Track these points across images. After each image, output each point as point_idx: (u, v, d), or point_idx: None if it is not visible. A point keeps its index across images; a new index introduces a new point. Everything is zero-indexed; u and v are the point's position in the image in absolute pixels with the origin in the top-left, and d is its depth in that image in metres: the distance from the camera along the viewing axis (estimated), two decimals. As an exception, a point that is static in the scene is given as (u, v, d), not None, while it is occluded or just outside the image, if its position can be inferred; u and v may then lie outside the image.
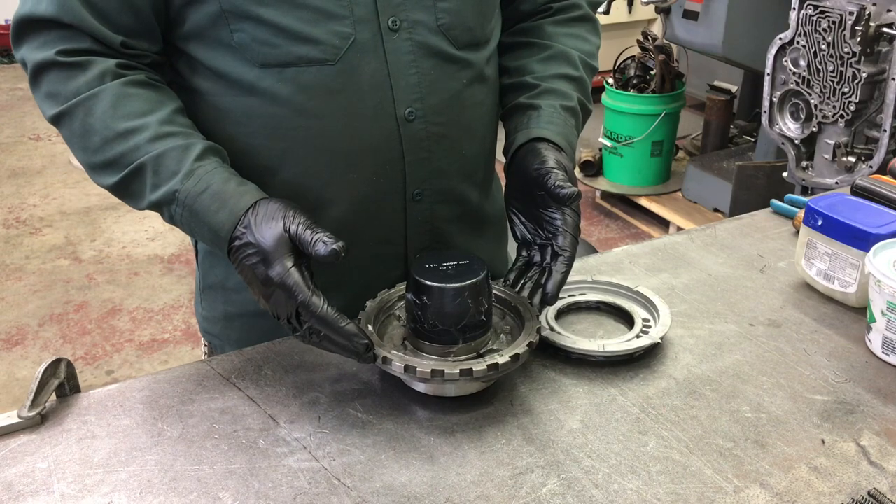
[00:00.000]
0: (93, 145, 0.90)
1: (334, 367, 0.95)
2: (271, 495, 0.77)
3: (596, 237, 3.75)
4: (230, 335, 1.11)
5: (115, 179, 0.90)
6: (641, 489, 0.77)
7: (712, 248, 1.24)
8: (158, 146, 0.88)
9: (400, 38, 0.95)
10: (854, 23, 2.16)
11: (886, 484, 0.78)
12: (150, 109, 0.91)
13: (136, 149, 0.88)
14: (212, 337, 1.15)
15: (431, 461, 0.81)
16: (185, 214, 0.88)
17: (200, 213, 0.87)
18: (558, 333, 0.98)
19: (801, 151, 2.50)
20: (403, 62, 0.96)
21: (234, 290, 1.08)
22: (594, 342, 0.96)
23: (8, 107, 5.64)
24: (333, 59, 0.93)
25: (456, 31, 0.98)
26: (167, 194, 0.88)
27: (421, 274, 0.87)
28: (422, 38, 0.96)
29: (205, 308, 1.14)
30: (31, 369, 2.87)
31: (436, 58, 0.97)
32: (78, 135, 0.91)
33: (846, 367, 0.96)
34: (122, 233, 3.86)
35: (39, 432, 0.85)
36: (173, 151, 0.88)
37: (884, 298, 0.95)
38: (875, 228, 1.03)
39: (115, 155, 0.89)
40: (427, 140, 0.99)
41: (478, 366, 0.84)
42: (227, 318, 1.11)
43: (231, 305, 1.10)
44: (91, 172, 0.93)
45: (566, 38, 1.11)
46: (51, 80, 0.91)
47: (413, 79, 0.96)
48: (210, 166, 0.88)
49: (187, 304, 3.28)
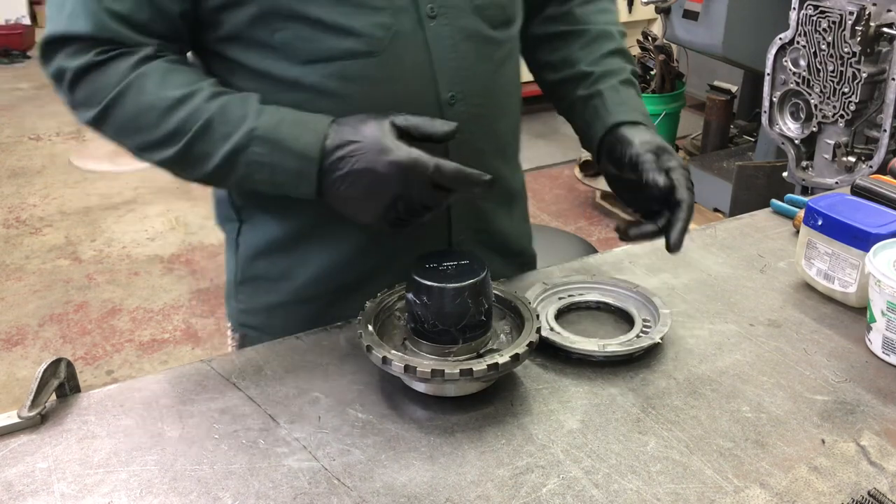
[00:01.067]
0: (149, 122, 0.91)
1: (334, 367, 0.95)
2: (271, 495, 0.77)
3: (596, 237, 3.75)
4: (273, 324, 1.10)
5: (178, 148, 0.91)
6: (641, 489, 0.77)
7: (712, 248, 1.24)
8: (217, 103, 0.91)
9: (439, 24, 0.97)
10: (854, 23, 2.16)
11: (886, 484, 0.78)
12: (198, 78, 0.93)
13: (196, 110, 0.90)
14: (248, 329, 1.15)
15: (431, 461, 0.81)
16: (264, 151, 0.89)
17: (284, 142, 0.89)
18: (558, 333, 0.98)
19: (801, 151, 2.49)
20: (444, 48, 0.98)
21: (277, 279, 1.08)
22: (594, 342, 0.96)
23: (8, 107, 5.64)
24: (376, 50, 0.94)
25: (490, 10, 1.01)
26: (243, 136, 0.89)
27: (421, 274, 0.87)
28: (460, 22, 0.98)
29: (241, 301, 1.14)
30: (31, 369, 2.87)
31: (473, 40, 1.00)
32: (130, 117, 0.92)
33: (846, 367, 0.96)
34: (122, 233, 3.86)
35: (39, 432, 0.85)
36: (234, 101, 0.91)
37: (884, 298, 0.95)
38: (875, 228, 1.03)
39: (177, 123, 0.90)
40: (468, 122, 1.00)
41: (478, 366, 0.84)
42: (269, 308, 1.11)
43: (274, 295, 1.10)
44: (148, 152, 0.94)
45: (596, 16, 1.14)
46: (91, 80, 0.92)
47: (453, 63, 0.99)
48: (273, 106, 0.91)
49: (187, 304, 3.28)
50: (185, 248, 3.72)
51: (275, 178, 0.91)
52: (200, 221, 3.97)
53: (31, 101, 5.74)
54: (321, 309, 0.99)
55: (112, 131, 0.94)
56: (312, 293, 1.07)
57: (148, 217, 4.02)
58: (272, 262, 1.08)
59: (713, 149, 3.84)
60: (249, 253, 1.10)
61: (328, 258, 1.04)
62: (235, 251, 1.12)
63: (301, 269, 1.06)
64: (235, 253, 1.12)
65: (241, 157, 0.90)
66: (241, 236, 1.10)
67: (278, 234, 1.05)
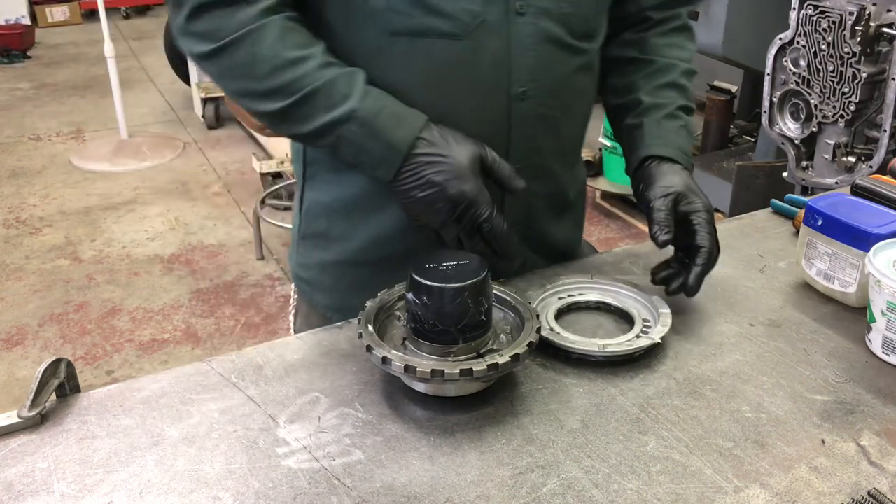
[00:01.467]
0: (261, 73, 0.96)
1: (334, 367, 0.95)
2: (271, 495, 0.77)
3: (596, 237, 3.75)
4: (323, 281, 1.19)
5: (280, 105, 0.96)
6: (641, 489, 0.77)
7: (712, 248, 1.24)
8: (327, 73, 0.95)
9: (525, 21, 1.00)
10: (854, 23, 2.16)
11: (886, 484, 0.78)
12: (312, 42, 0.98)
13: (306, 75, 0.95)
14: (303, 283, 1.23)
15: (431, 461, 0.81)
16: (359, 132, 0.95)
17: (379, 130, 0.95)
18: (558, 333, 0.98)
19: (801, 151, 2.49)
20: (524, 44, 1.01)
21: (334, 239, 1.15)
22: (594, 342, 0.96)
23: (8, 107, 5.64)
24: (461, 34, 0.98)
25: (574, 20, 1.04)
26: (344, 114, 0.95)
27: (421, 274, 0.87)
28: (544, 24, 1.02)
29: (301, 255, 1.22)
30: (31, 369, 2.87)
31: (552, 43, 1.03)
32: (242, 64, 0.96)
33: (846, 367, 0.96)
34: (122, 233, 3.86)
35: (39, 432, 0.85)
36: (343, 76, 0.96)
37: (884, 298, 0.95)
38: (875, 228, 1.03)
39: (285, 81, 0.95)
40: (534, 119, 1.05)
41: (478, 366, 0.84)
42: (323, 265, 1.18)
43: (328, 253, 1.16)
44: (247, 99, 0.99)
45: (668, 49, 1.18)
46: (213, 16, 0.96)
47: (531, 60, 1.02)
48: (377, 90, 0.97)
49: (187, 303, 3.28)
50: (185, 248, 3.72)
51: (359, 157, 0.97)
52: (200, 221, 3.97)
53: (31, 101, 5.75)
54: (367, 275, 1.06)
55: (219, 70, 0.99)
56: (362, 258, 1.13)
57: (148, 217, 4.02)
58: (330, 222, 1.14)
59: (713, 149, 3.84)
60: (311, 209, 1.17)
61: (381, 226, 1.10)
62: (301, 206, 1.19)
63: (355, 232, 1.12)
64: (300, 208, 1.20)
65: (335, 130, 0.95)
66: (306, 193, 1.18)
67: (339, 195, 1.11)
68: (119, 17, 8.00)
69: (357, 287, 1.04)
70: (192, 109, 5.38)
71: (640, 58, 1.17)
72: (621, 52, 1.18)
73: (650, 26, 1.19)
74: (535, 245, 1.16)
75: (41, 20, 7.72)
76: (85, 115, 5.45)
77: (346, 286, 1.14)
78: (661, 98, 1.14)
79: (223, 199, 4.21)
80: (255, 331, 3.11)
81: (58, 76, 6.34)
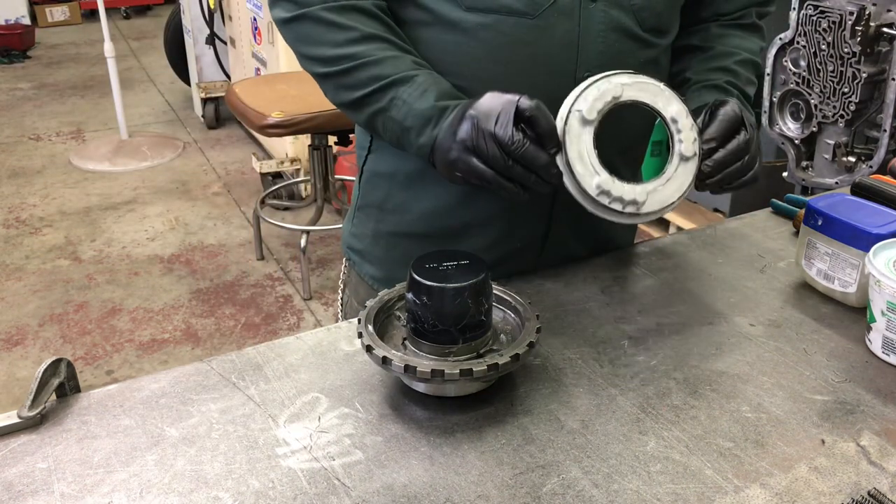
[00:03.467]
0: (334, 40, 1.01)
1: (334, 367, 0.95)
2: (271, 495, 0.77)
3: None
4: (374, 251, 1.23)
5: (346, 66, 1.00)
6: (641, 489, 0.77)
7: (712, 248, 1.24)
8: (396, 52, 1.01)
9: (597, 8, 1.03)
10: (854, 23, 2.16)
11: (886, 484, 0.78)
12: (391, 30, 1.03)
13: (377, 49, 1.00)
14: (353, 253, 1.27)
15: (431, 461, 0.81)
16: (414, 93, 0.98)
17: (430, 94, 0.97)
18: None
19: (801, 151, 2.49)
20: (594, 30, 1.03)
21: (390, 210, 1.18)
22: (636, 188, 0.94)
23: (8, 107, 5.64)
24: (533, 13, 1.01)
25: (645, 13, 1.06)
26: (406, 76, 0.99)
27: (421, 274, 0.87)
28: (615, 13, 1.04)
29: (356, 225, 1.26)
30: (31, 369, 2.87)
31: (622, 32, 1.05)
32: (319, 32, 1.02)
33: (846, 367, 0.96)
34: (122, 233, 3.86)
35: (39, 432, 0.85)
36: (409, 58, 1.02)
37: (884, 298, 0.95)
38: (875, 228, 1.03)
39: (355, 51, 1.00)
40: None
41: (478, 366, 0.84)
42: (376, 235, 1.22)
43: (383, 224, 1.20)
44: (317, 64, 1.04)
45: (727, 38, 1.18)
46: None
47: (599, 46, 1.04)
48: (441, 78, 1.02)
49: (187, 303, 3.28)
50: (185, 248, 3.72)
51: (405, 120, 0.99)
52: (200, 221, 3.97)
53: (31, 101, 5.75)
54: (419, 248, 1.06)
55: (296, 36, 1.04)
56: (417, 229, 1.17)
57: (148, 217, 4.02)
58: (389, 192, 1.17)
59: (713, 149, 3.84)
60: (371, 179, 1.20)
61: (438, 199, 1.13)
62: (360, 176, 1.23)
63: (413, 203, 1.15)
64: (360, 178, 1.23)
65: (392, 89, 0.99)
66: (367, 164, 1.21)
67: (401, 167, 1.14)
68: (119, 17, 8.00)
69: (406, 259, 1.05)
70: (192, 109, 5.39)
71: (698, 45, 1.18)
72: (684, 41, 1.19)
73: (716, 20, 1.19)
74: (583, 238, 1.18)
75: (41, 20, 7.72)
76: (85, 115, 5.45)
77: (397, 258, 1.17)
78: (709, 77, 1.13)
79: (223, 199, 4.21)
80: (255, 331, 3.11)
81: (58, 76, 6.34)
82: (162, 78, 6.10)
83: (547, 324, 1.02)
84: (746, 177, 1.02)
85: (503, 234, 1.14)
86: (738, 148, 0.99)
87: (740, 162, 1.00)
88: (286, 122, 3.05)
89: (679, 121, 0.97)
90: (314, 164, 3.39)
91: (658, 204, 0.96)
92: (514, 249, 1.16)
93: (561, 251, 1.19)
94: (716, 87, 1.12)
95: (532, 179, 0.92)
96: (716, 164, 0.98)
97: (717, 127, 0.99)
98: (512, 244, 1.15)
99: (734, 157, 0.99)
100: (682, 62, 1.19)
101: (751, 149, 1.00)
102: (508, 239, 1.14)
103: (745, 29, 1.20)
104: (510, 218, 1.13)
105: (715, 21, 1.19)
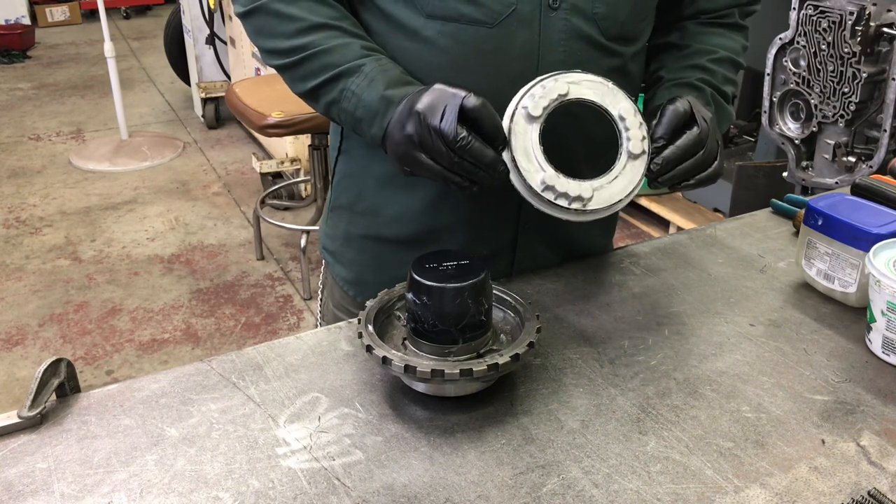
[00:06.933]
0: (286, 32, 1.01)
1: (334, 367, 0.95)
2: (271, 495, 0.77)
3: (596, 237, 3.74)
4: (345, 253, 1.23)
5: (299, 56, 1.01)
6: (641, 489, 0.77)
7: (712, 248, 1.24)
8: (347, 39, 1.01)
9: (557, 16, 1.02)
10: (854, 23, 2.16)
11: (886, 484, 0.78)
12: (343, 16, 1.03)
13: (328, 38, 1.00)
14: (327, 254, 1.27)
15: (431, 461, 0.81)
16: (362, 84, 0.98)
17: (379, 83, 0.97)
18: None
19: (801, 151, 2.49)
20: (554, 39, 1.02)
21: (361, 212, 1.18)
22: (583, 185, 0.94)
23: (8, 107, 5.64)
24: (493, 22, 1.00)
25: (607, 21, 1.05)
26: (352, 67, 0.99)
27: (421, 274, 0.87)
28: (575, 22, 1.03)
29: (329, 226, 1.26)
30: (31, 369, 2.87)
31: (584, 41, 1.04)
32: (271, 24, 1.03)
33: (846, 367, 0.96)
34: (122, 233, 3.86)
35: (39, 432, 0.85)
36: (358, 43, 1.01)
37: (884, 298, 0.95)
38: (875, 228, 1.03)
39: (308, 41, 1.00)
40: (563, 118, 1.01)
41: (478, 366, 0.84)
42: (347, 237, 1.22)
43: (353, 226, 1.20)
44: (273, 57, 1.05)
45: (706, 36, 1.17)
46: None
47: (560, 56, 1.03)
48: (391, 62, 1.01)
49: (187, 303, 3.28)
50: (185, 248, 3.72)
51: (356, 110, 0.98)
52: (200, 221, 3.97)
53: (31, 101, 5.75)
54: (388, 252, 1.09)
55: (253, 29, 1.05)
56: (386, 233, 1.16)
57: (148, 217, 4.02)
58: (357, 195, 1.17)
59: (713, 149, 3.83)
60: (341, 181, 1.21)
61: (408, 203, 1.12)
62: (332, 177, 1.24)
63: (382, 206, 1.15)
64: (332, 179, 1.24)
65: (342, 80, 0.99)
66: (338, 165, 1.21)
67: (371, 169, 1.14)
68: (119, 17, 8.00)
69: (376, 263, 1.06)
70: (192, 109, 5.39)
71: (675, 43, 1.17)
72: (662, 39, 1.18)
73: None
74: (551, 243, 1.17)
75: (41, 20, 7.72)
76: (85, 115, 5.45)
77: (367, 260, 1.18)
78: (682, 74, 1.11)
79: (223, 199, 4.21)
80: (255, 331, 3.11)
81: (58, 76, 6.34)
82: (162, 78, 6.10)
83: (547, 324, 1.02)
84: (705, 173, 1.00)
85: (471, 239, 1.12)
86: (689, 144, 0.97)
87: (693, 158, 0.98)
88: (286, 122, 3.05)
89: (626, 118, 0.97)
90: (314, 163, 3.39)
91: (605, 201, 0.96)
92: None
93: (532, 258, 1.17)
94: (688, 85, 1.10)
95: (479, 174, 0.91)
96: (665, 161, 0.97)
97: (664, 124, 0.98)
98: (480, 250, 1.13)
99: (685, 153, 0.97)
100: (658, 60, 1.17)
101: (707, 145, 0.98)
102: (476, 244, 1.12)
103: (727, 27, 1.19)
104: (477, 224, 1.12)
105: (696, 19, 1.18)
